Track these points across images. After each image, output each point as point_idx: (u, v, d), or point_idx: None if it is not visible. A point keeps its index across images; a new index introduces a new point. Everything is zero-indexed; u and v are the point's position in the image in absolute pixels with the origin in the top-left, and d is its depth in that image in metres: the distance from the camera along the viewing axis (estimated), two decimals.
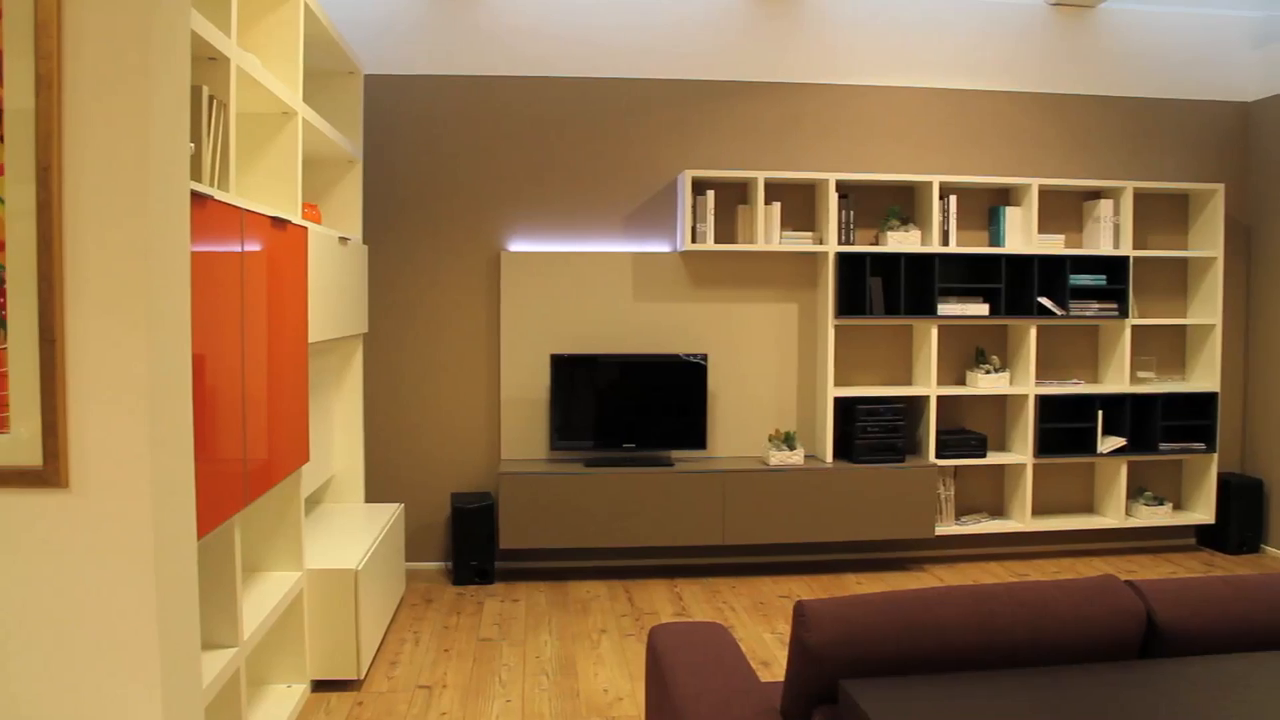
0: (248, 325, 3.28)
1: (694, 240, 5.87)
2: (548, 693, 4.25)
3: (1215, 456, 6.46)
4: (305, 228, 4.05)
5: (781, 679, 3.30)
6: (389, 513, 5.22)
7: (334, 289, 4.68)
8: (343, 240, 4.87)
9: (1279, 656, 2.17)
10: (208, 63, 3.22)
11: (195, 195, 2.73)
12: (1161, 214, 6.62)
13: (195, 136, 3.05)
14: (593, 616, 5.27)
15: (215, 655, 3.19)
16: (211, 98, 3.17)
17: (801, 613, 2.13)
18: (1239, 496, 6.51)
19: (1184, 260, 6.65)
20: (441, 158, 5.95)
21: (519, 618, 5.24)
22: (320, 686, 4.23)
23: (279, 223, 3.66)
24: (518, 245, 6.01)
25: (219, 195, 3.01)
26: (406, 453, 5.98)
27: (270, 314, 3.55)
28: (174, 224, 2.32)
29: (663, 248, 6.11)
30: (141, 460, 2.18)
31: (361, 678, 4.26)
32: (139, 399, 2.18)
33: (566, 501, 5.65)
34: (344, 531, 4.83)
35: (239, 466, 3.22)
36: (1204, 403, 6.45)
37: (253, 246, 3.33)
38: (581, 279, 6.00)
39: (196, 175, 3.07)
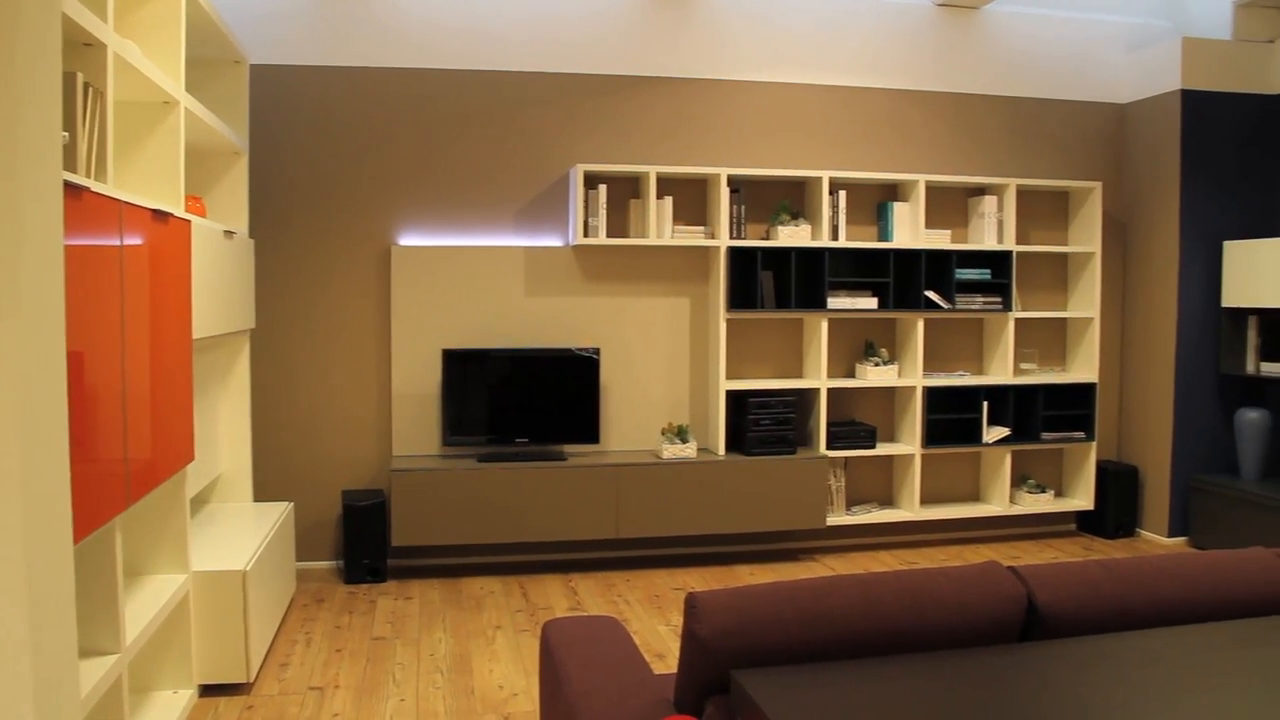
0: (128, 321, 3.18)
1: (586, 234, 5.86)
2: (442, 690, 4.21)
3: (1094, 445, 6.67)
4: (188, 221, 3.95)
5: (675, 671, 3.31)
6: (278, 512, 5.12)
7: (219, 283, 4.57)
8: (228, 234, 4.76)
9: (1150, 635, 2.25)
10: (83, 49, 3.11)
11: (70, 186, 2.64)
12: (1043, 210, 6.81)
13: (70, 126, 2.95)
14: (487, 613, 5.24)
15: (95, 663, 3.09)
16: (87, 85, 3.07)
17: (692, 604, 2.14)
18: (1116, 483, 6.73)
19: (1064, 255, 6.85)
20: (331, 150, 5.85)
21: (412, 616, 5.18)
22: (208, 691, 4.14)
23: (160, 215, 3.56)
24: (409, 239, 5.93)
25: (96, 187, 2.91)
26: (296, 450, 5.86)
27: (153, 309, 3.45)
28: (46, 216, 2.24)
29: (555, 242, 6.10)
30: (12, 461, 2.10)
31: (251, 681, 4.17)
32: (8, 397, 2.09)
33: (459, 497, 5.60)
34: (232, 532, 4.72)
35: (120, 467, 3.13)
36: (1083, 393, 6.65)
37: (133, 240, 3.23)
38: (474, 273, 5.95)
39: (71, 166, 2.97)
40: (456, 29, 5.93)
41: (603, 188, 5.88)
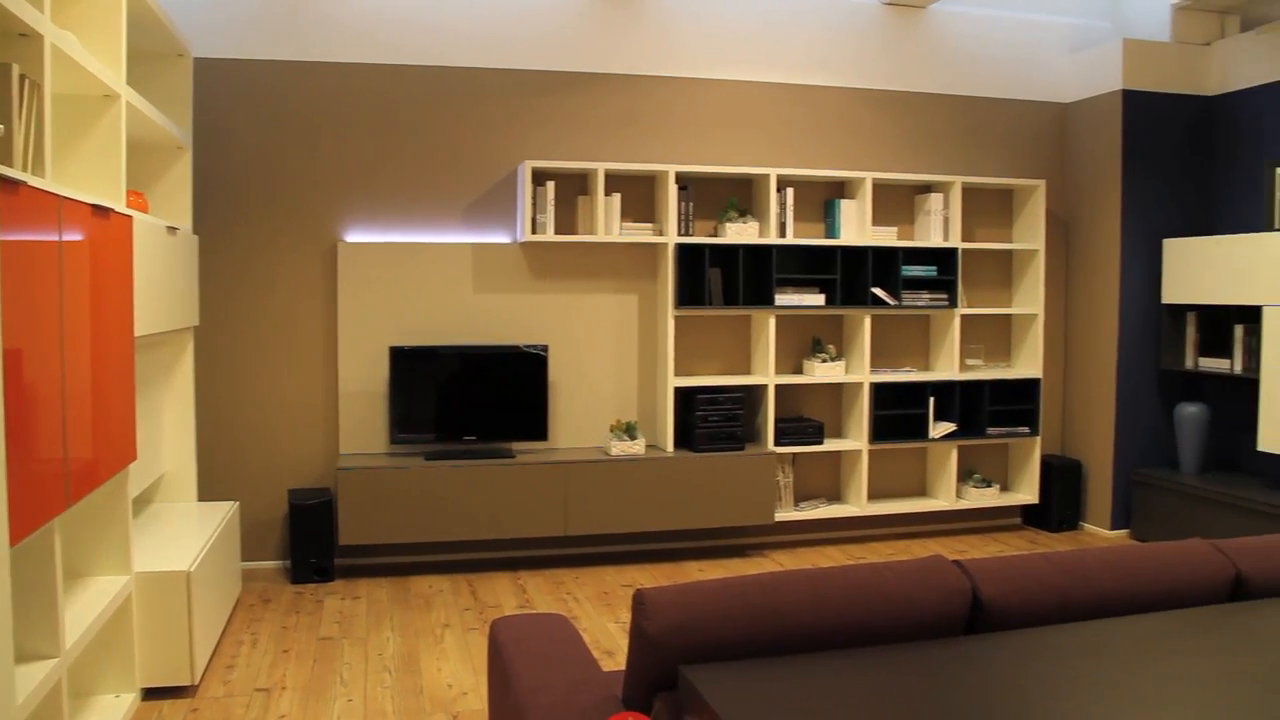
0: (68, 318, 3.12)
1: (534, 231, 5.85)
2: (390, 690, 4.18)
3: (1038, 440, 6.76)
4: (130, 216, 3.89)
5: (624, 668, 3.31)
6: (223, 511, 5.06)
7: (162, 280, 4.50)
8: (171, 230, 4.69)
9: (1092, 626, 2.28)
10: (18, 39, 3.05)
11: (5, 181, 2.59)
12: (988, 208, 6.88)
13: (5, 118, 2.89)
14: (436, 611, 5.21)
15: (33, 667, 3.03)
16: (23, 77, 3.01)
17: (640, 601, 2.14)
18: (1060, 477, 6.82)
19: (1009, 253, 6.93)
20: (276, 145, 5.78)
21: (360, 615, 5.14)
22: (151, 694, 4.08)
23: (101, 211, 3.50)
24: (355, 236, 5.88)
25: (33, 181, 2.86)
26: (241, 449, 5.79)
27: (93, 306, 3.39)
28: None
29: (503, 239, 6.07)
30: None
31: (196, 683, 4.11)
32: None
33: (407, 495, 5.56)
34: (175, 532, 4.66)
35: (59, 467, 3.07)
36: (1028, 389, 6.74)
37: (72, 236, 3.18)
38: (421, 270, 5.91)
39: (7, 160, 2.91)
40: (404, 24, 5.88)
41: (551, 184, 5.86)
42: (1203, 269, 6.32)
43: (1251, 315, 6.19)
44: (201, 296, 5.70)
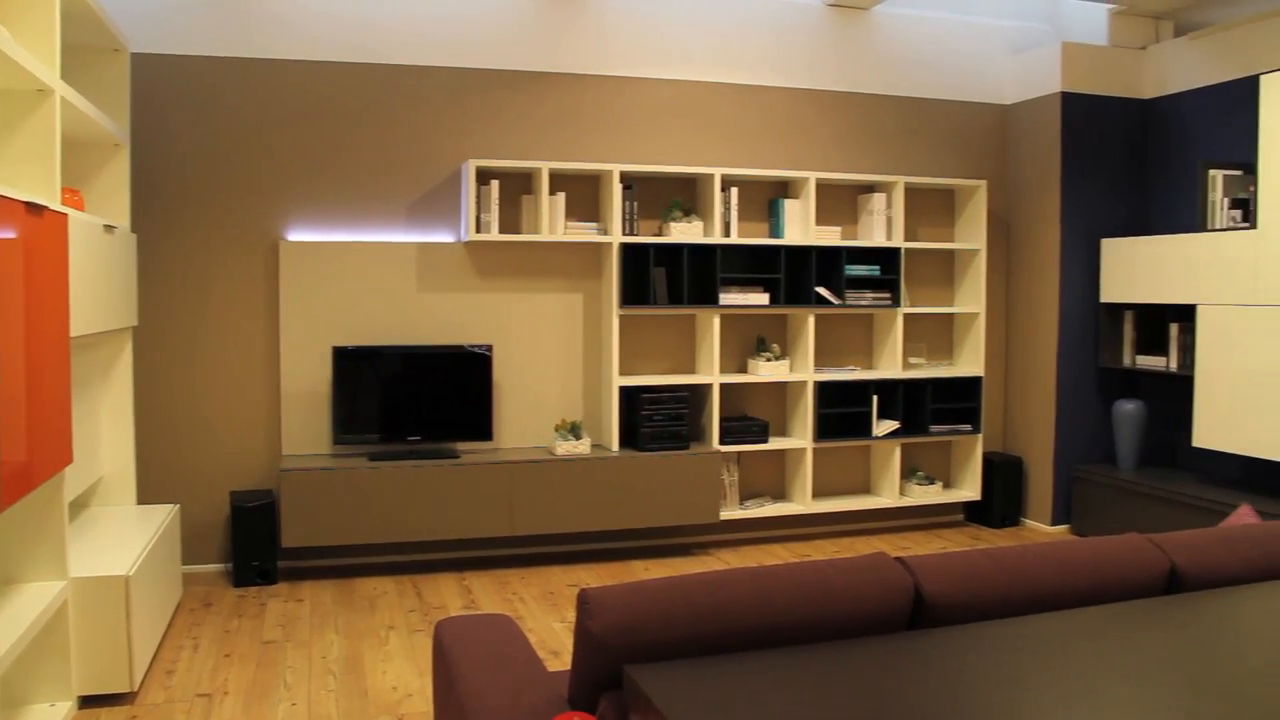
0: (0, 318, 3.06)
1: (478, 230, 5.82)
2: (335, 693, 4.14)
3: (980, 437, 6.84)
4: (65, 214, 3.81)
5: (570, 668, 3.31)
6: (163, 514, 4.98)
7: (99, 279, 4.42)
8: (108, 228, 4.61)
9: (1032, 620, 2.31)
10: None
11: None
12: (930, 208, 6.95)
13: None
14: (380, 613, 5.17)
15: None
16: None
17: (585, 600, 2.13)
18: (1001, 474, 6.91)
19: (951, 252, 7.00)
20: (217, 143, 5.71)
21: (304, 618, 5.09)
22: (89, 702, 4.00)
23: (35, 208, 3.43)
24: (298, 235, 5.82)
25: None
26: (182, 451, 5.71)
27: (27, 305, 3.33)
28: None
29: (447, 238, 6.04)
30: None
31: (135, 690, 4.04)
32: None
33: (351, 497, 5.52)
34: (114, 536, 4.58)
35: None
36: (970, 387, 6.81)
37: (4, 234, 3.11)
38: (365, 269, 5.86)
39: None
40: (348, 21, 5.83)
41: (495, 183, 5.84)
42: (1139, 268, 6.43)
43: (1186, 314, 6.31)
44: (140, 296, 5.61)
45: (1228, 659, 2.08)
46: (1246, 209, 5.93)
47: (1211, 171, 6.03)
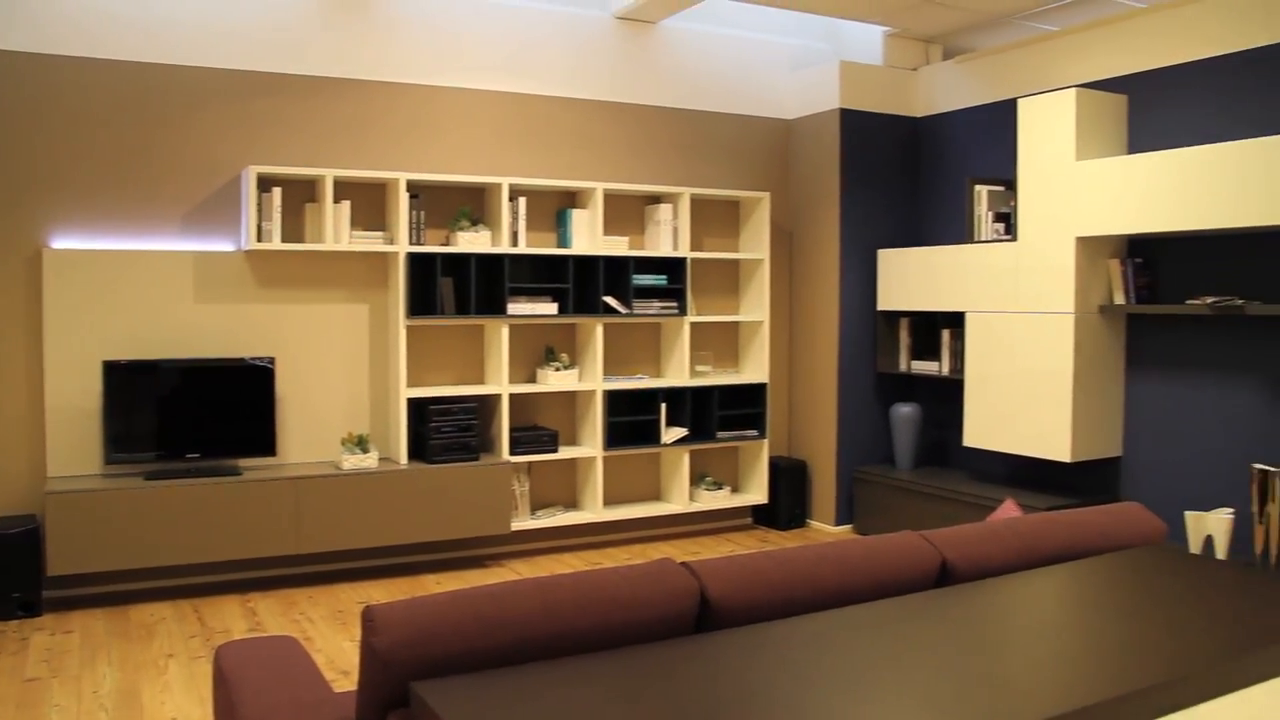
0: None
1: (259, 239, 5.66)
2: None
3: (766, 442, 7.03)
4: None
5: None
6: None
7: None
8: None
9: (814, 618, 2.42)
10: None
11: None
12: (716, 219, 7.12)
13: None
14: (158, 641, 4.96)
15: None
16: None
17: (369, 617, 2.11)
18: (787, 477, 7.13)
19: (736, 262, 7.19)
20: None
21: (72, 651, 4.84)
22: None
23: None
24: (63, 242, 5.54)
25: None
26: None
27: None
28: None
29: (226, 247, 5.85)
30: None
31: None
32: None
33: (125, 519, 5.28)
34: None
35: None
36: (755, 393, 7.00)
37: None
38: (138, 279, 5.62)
39: None
40: (120, 16, 5.57)
41: (277, 190, 5.69)
42: (913, 278, 6.74)
43: (956, 321, 6.64)
44: None
45: (993, 645, 2.23)
46: (1008, 222, 6.29)
47: (977, 187, 6.37)
